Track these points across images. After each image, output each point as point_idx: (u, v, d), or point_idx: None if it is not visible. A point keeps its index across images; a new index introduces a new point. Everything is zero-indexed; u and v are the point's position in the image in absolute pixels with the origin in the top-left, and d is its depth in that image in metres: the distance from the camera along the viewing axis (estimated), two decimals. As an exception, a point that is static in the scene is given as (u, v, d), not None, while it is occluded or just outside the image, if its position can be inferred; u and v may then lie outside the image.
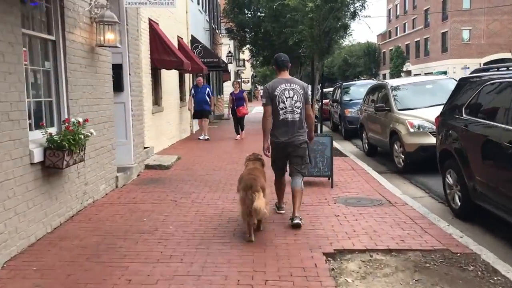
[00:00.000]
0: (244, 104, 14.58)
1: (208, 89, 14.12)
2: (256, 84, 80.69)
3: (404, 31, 68.89)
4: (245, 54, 46.46)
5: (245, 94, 14.72)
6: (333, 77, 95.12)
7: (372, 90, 11.94)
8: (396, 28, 74.37)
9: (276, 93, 5.53)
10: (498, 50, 50.67)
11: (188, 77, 16.68)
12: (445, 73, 53.15)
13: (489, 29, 51.37)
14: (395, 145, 9.49)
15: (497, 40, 50.89)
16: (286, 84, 5.57)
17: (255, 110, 36.47)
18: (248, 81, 66.83)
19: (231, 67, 42.10)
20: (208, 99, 14.07)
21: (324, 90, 34.30)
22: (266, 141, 5.69)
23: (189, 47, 16.44)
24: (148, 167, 9.34)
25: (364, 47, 74.25)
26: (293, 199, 5.56)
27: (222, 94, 30.81)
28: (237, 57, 56.37)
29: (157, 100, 12.19)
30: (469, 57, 51.53)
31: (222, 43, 27.77)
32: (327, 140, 7.87)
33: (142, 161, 9.20)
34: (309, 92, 6.20)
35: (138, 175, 8.66)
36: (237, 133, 14.85)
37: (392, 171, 9.76)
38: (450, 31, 52.93)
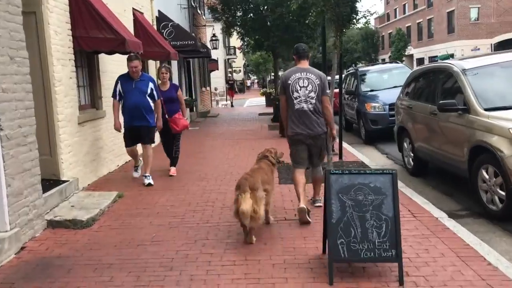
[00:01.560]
0: (180, 111, 7.94)
1: (151, 84, 7.14)
2: (249, 74, 76.25)
3: (404, 12, 64.78)
4: (235, 39, 42.35)
5: (180, 92, 8.07)
6: (329, 63, 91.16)
7: (420, 77, 7.87)
8: (395, 9, 70.19)
9: (289, 81, 5.33)
10: (510, 29, 46.54)
11: (155, 66, 12.54)
12: (452, 55, 49.22)
13: (500, 6, 47.25)
14: (483, 172, 5.47)
15: (509, 18, 46.79)
16: (302, 73, 5.34)
17: (247, 103, 32.42)
18: (240, 70, 62.54)
19: (220, 55, 37.85)
20: (151, 103, 7.16)
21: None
22: (286, 128, 5.52)
23: (154, 26, 12.30)
24: (52, 224, 5.28)
25: (361, 31, 70.25)
26: (314, 185, 5.67)
27: (209, 86, 26.64)
28: (227, 45, 52.10)
29: (93, 100, 8.09)
30: (478, 38, 47.55)
31: (206, 25, 23.48)
32: (386, 183, 3.81)
33: (39, 215, 5.13)
34: (327, 83, 5.52)
35: (19, 251, 4.60)
36: (173, 163, 8.17)
37: (475, 213, 5.77)
38: (456, 10, 48.82)
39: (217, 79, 32.64)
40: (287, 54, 19.00)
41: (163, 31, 13.20)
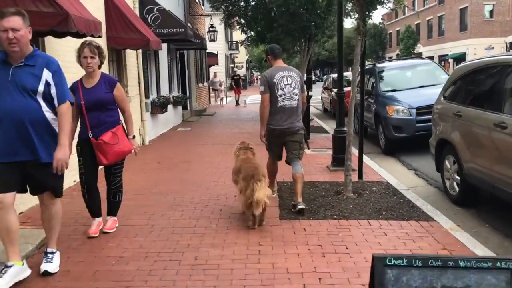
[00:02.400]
0: (119, 124, 4.61)
1: (47, 72, 3.54)
2: (252, 70, 74.17)
3: (413, 9, 62.51)
4: (238, 34, 40.32)
5: (119, 91, 4.59)
6: (334, 61, 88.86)
7: (474, 75, 5.85)
8: (404, 6, 68.00)
9: (275, 80, 5.53)
10: (526, 28, 44.43)
11: (136, 58, 10.60)
12: (463, 54, 47.12)
13: (516, 4, 45.06)
14: None
15: (525, 16, 44.59)
16: (284, 72, 5.60)
17: (249, 101, 30.39)
18: (242, 66, 60.52)
19: (220, 49, 35.88)
20: (47, 112, 3.56)
21: (323, 77, 27.34)
22: (263, 129, 5.69)
23: (135, 9, 10.34)
24: None
25: (368, 28, 68.13)
26: (295, 184, 5.48)
27: (206, 81, 24.63)
28: (229, 39, 50.10)
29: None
30: (492, 36, 45.33)
31: (203, 14, 21.44)
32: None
33: None
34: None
35: None
36: (94, 213, 4.72)
37: None
38: (470, 7, 46.56)
39: (218, 74, 30.27)
40: (292, 47, 17.00)
41: (147, 16, 11.24)
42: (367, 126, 11.76)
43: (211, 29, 20.80)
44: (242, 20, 18.96)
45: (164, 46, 13.77)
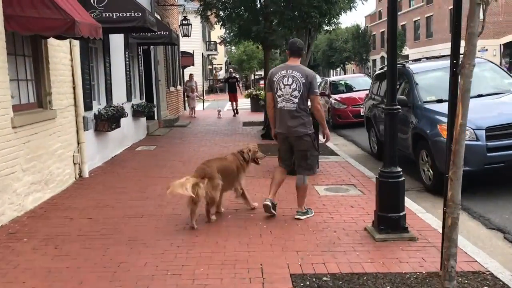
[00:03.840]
0: None
1: None
2: (231, 70, 70.96)
3: (399, 10, 60.25)
4: (216, 33, 37.20)
5: None
6: (315, 63, 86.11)
7: None
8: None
9: (274, 79, 5.26)
10: (519, 29, 42.39)
11: (69, 50, 7.32)
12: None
13: (509, 4, 42.96)
14: None
15: (518, 17, 42.56)
16: (288, 71, 5.20)
17: (228, 106, 27.11)
18: (221, 68, 57.16)
19: (197, 48, 32.54)
20: None
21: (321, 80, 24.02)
22: (273, 128, 5.47)
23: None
24: None
25: (352, 30, 66.16)
26: (297, 194, 5.40)
27: (179, 85, 21.26)
28: (207, 39, 46.84)
29: None
30: (484, 38, 42.93)
31: (174, 4, 17.97)
32: None
33: None
34: (315, 82, 5.27)
35: None
36: None
37: None
38: (461, 7, 44.29)
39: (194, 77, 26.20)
40: (284, 43, 13.84)
41: (88, -7, 7.92)
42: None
43: (184, 22, 17.46)
44: (221, 12, 15.80)
45: (119, 38, 10.48)
